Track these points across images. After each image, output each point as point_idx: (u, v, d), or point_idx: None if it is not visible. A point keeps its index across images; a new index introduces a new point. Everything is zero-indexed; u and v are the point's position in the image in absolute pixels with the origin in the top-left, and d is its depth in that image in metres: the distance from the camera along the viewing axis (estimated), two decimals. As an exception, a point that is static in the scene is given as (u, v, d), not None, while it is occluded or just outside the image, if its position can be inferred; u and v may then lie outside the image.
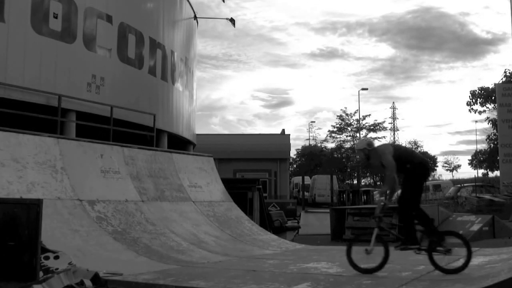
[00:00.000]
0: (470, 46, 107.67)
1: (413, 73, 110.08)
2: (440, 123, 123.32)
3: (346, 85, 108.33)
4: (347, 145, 56.99)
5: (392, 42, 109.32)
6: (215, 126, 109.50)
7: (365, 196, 29.31)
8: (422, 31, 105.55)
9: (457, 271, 6.12)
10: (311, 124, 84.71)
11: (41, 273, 5.87)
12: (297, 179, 45.66)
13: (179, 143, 19.00)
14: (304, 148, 64.83)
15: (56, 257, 6.22)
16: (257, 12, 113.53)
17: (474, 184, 35.00)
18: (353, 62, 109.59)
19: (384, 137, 59.97)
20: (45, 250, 6.25)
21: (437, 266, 6.21)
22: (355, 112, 56.05)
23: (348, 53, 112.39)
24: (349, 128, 56.50)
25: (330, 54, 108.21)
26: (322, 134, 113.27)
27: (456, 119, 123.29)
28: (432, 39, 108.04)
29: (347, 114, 56.04)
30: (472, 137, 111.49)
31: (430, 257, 6.25)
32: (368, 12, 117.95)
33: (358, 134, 55.20)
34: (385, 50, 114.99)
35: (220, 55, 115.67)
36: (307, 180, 42.92)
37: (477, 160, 62.24)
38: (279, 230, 13.73)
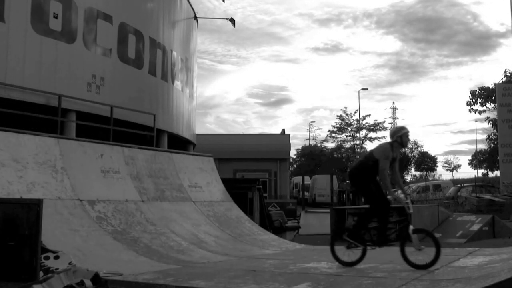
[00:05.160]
0: (481, 39, 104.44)
1: (420, 68, 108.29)
2: (444, 121, 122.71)
3: (350, 82, 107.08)
4: (347, 145, 57.02)
5: (400, 34, 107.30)
6: (210, 125, 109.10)
7: (365, 196, 29.30)
8: (432, 22, 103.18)
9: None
10: (311, 124, 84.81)
11: (41, 273, 5.88)
12: (297, 179, 45.68)
13: (179, 143, 19.00)
14: (304, 148, 64.85)
15: (56, 257, 6.22)
16: (257, 5, 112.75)
17: (474, 184, 35.01)
18: (358, 56, 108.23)
19: (384, 137, 60.04)
20: (45, 250, 6.25)
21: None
22: (355, 112, 56.08)
23: (353, 47, 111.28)
24: (349, 128, 56.50)
25: (334, 48, 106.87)
26: (322, 133, 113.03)
27: (460, 118, 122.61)
28: (441, 32, 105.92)
29: (347, 114, 56.08)
30: (475, 137, 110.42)
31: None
32: (376, 0, 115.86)
33: (358, 134, 55.25)
34: (392, 44, 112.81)
35: (218, 49, 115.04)
36: (307, 180, 42.91)
37: (477, 160, 62.23)
38: (279, 230, 13.73)
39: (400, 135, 7.09)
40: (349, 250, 7.03)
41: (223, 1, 25.54)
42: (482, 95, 41.68)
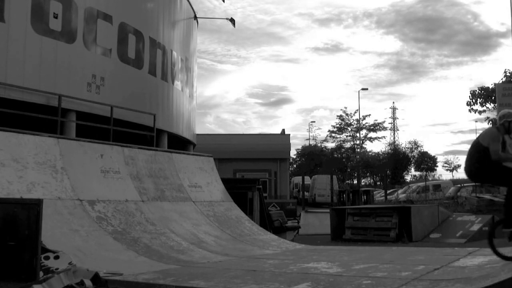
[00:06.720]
0: (481, 39, 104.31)
1: (420, 68, 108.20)
2: (444, 121, 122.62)
3: (350, 82, 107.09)
4: (347, 145, 56.97)
5: (400, 34, 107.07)
6: (210, 125, 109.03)
7: (365, 196, 29.35)
8: (432, 22, 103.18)
9: None
10: (311, 124, 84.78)
11: (41, 273, 5.88)
12: (297, 179, 45.67)
13: (179, 143, 19.01)
14: (304, 148, 64.79)
15: (56, 257, 6.23)
16: (257, 5, 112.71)
17: (474, 184, 34.96)
18: (358, 56, 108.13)
19: (384, 137, 60.01)
20: (45, 250, 6.25)
21: None
22: (355, 112, 56.04)
23: (353, 47, 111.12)
24: (349, 128, 56.44)
25: (334, 48, 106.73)
26: (322, 133, 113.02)
27: (460, 118, 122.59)
28: (441, 31, 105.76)
29: (347, 114, 55.98)
30: (475, 137, 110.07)
31: None
32: (377, 0, 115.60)
33: (358, 134, 55.22)
34: (392, 44, 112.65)
35: (218, 49, 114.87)
36: (307, 180, 42.92)
37: (477, 160, 62.00)
38: (279, 230, 13.72)
39: (509, 121, 6.57)
40: None
41: (223, 1, 25.54)
42: (482, 95, 41.57)
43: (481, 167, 6.51)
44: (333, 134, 57.57)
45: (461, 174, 70.49)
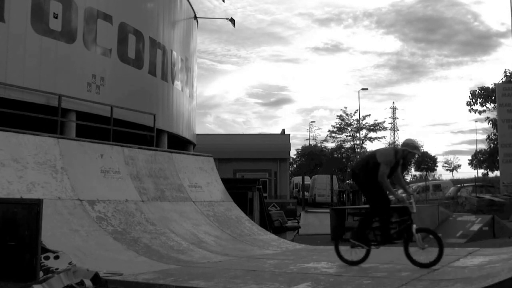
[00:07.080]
0: (481, 39, 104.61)
1: (420, 68, 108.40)
2: (444, 121, 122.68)
3: (350, 82, 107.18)
4: (347, 145, 56.97)
5: (400, 34, 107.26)
6: (210, 125, 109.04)
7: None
8: (432, 22, 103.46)
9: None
10: (311, 124, 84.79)
11: (41, 273, 5.88)
12: (297, 179, 45.70)
13: (179, 143, 19.01)
14: (304, 148, 64.82)
15: (56, 257, 6.22)
16: (257, 5, 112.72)
17: (474, 184, 34.98)
18: (358, 56, 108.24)
19: (384, 137, 60.00)
20: (45, 250, 6.25)
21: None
22: (355, 112, 56.04)
23: (353, 46, 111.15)
24: (349, 128, 56.44)
25: (334, 48, 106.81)
26: (322, 133, 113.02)
27: (460, 118, 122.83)
28: (441, 31, 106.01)
29: (347, 114, 55.98)
30: (475, 137, 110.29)
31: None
32: (377, 0, 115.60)
33: (358, 134, 55.21)
34: (392, 43, 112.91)
35: (218, 49, 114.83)
36: (307, 180, 42.94)
37: (477, 160, 62.16)
38: (279, 230, 13.74)
39: (409, 151, 7.08)
40: (354, 250, 7.11)
41: (223, 1, 25.54)
42: (482, 95, 41.59)
43: (365, 175, 7.16)
44: (333, 134, 57.58)
45: (461, 174, 70.59)
